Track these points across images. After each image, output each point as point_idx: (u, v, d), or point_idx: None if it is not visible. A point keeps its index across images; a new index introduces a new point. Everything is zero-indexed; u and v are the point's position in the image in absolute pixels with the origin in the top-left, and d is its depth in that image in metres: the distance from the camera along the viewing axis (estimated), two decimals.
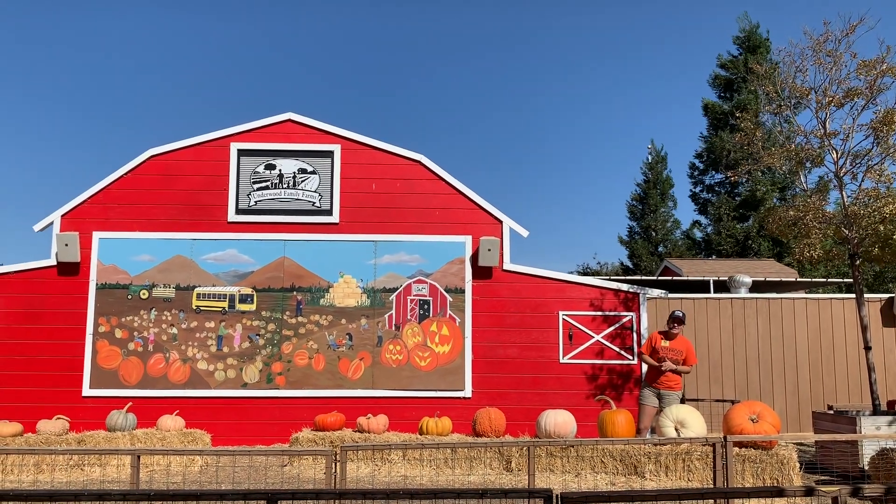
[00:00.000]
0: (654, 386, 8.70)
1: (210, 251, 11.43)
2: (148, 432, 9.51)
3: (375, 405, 10.90)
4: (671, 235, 33.84)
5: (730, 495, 5.22)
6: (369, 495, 3.64)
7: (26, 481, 8.30)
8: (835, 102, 9.61)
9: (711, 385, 12.08)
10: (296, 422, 10.62)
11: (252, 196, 11.55)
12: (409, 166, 11.73)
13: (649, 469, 7.89)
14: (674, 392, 8.65)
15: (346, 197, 11.61)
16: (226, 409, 11.08)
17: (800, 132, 10.16)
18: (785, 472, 7.41)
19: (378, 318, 11.41)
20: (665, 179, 34.52)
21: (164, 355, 11.18)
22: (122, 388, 11.00)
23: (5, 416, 10.34)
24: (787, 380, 12.15)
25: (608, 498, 3.69)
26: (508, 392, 11.21)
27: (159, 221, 11.42)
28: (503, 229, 11.61)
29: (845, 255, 10.15)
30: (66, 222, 11.28)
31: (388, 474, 8.44)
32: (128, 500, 3.63)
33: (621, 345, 11.42)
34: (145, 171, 11.50)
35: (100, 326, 11.16)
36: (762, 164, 10.49)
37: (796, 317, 12.30)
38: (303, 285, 11.42)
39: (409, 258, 11.55)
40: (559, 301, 11.50)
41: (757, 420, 7.62)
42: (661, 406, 8.59)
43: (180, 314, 11.29)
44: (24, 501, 3.59)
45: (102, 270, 11.27)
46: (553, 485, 7.80)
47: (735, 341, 12.24)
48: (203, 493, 3.65)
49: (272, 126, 11.75)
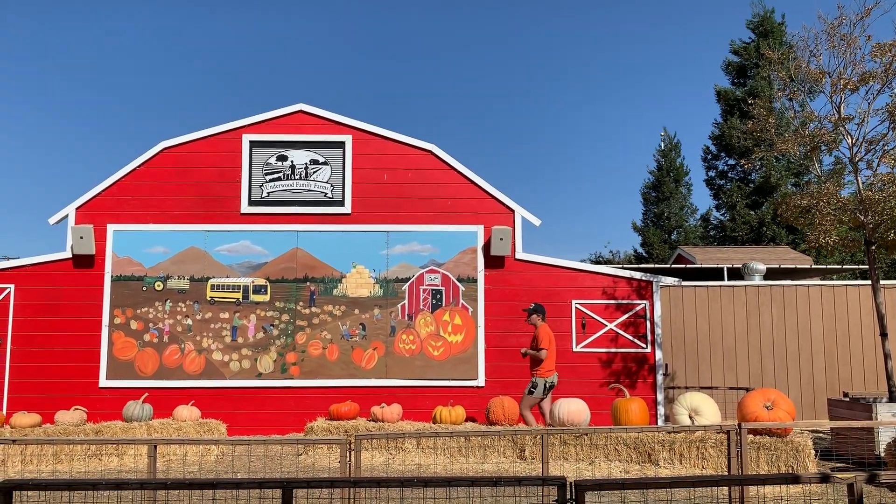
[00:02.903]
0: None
1: (223, 243, 11.48)
2: (164, 422, 9.60)
3: (389, 394, 10.95)
4: (685, 223, 33.66)
5: (745, 482, 5.21)
6: (384, 483, 3.65)
7: (45, 471, 8.41)
8: (850, 86, 9.49)
9: (725, 373, 12.04)
10: (310, 411, 10.70)
11: (264, 187, 11.58)
12: (421, 156, 11.72)
13: (663, 457, 7.88)
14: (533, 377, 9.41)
15: (358, 187, 11.62)
16: (241, 399, 11.16)
17: (813, 118, 10.05)
18: (800, 460, 7.38)
19: (391, 308, 11.44)
20: (678, 167, 34.32)
21: (180, 346, 11.26)
22: (138, 379, 11.10)
23: (24, 408, 10.49)
24: (802, 367, 12.08)
25: (622, 485, 3.69)
26: (522, 381, 11.17)
27: (173, 213, 11.48)
28: (515, 218, 11.58)
29: (861, 241, 10.05)
30: (81, 215, 11.36)
31: (402, 463, 8.48)
32: (145, 489, 3.67)
33: (635, 333, 11.39)
34: (158, 163, 11.55)
35: (115, 318, 11.25)
36: (776, 150, 10.40)
37: (811, 304, 12.22)
38: (316, 276, 11.46)
39: (421, 248, 11.55)
40: (572, 290, 11.48)
41: (772, 407, 7.60)
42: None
43: (195, 305, 11.36)
44: (44, 490, 3.64)
45: (117, 262, 11.35)
46: (567, 473, 7.81)
47: (749, 329, 12.18)
48: (219, 482, 3.67)
49: (284, 117, 11.76)
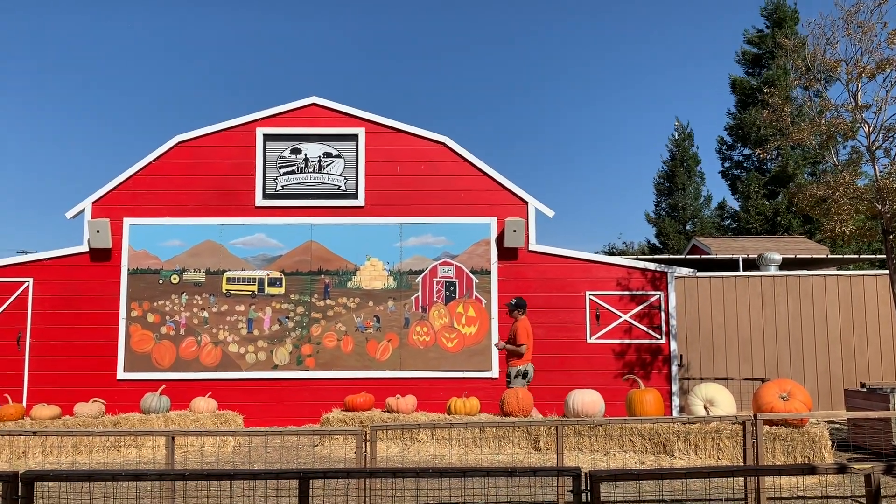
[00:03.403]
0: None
1: (238, 236, 11.55)
2: (181, 414, 9.68)
3: (403, 386, 10.98)
4: (700, 213, 33.41)
5: (760, 473, 5.20)
6: (399, 474, 3.67)
7: (65, 462, 8.52)
8: (866, 73, 9.39)
9: (741, 363, 11.99)
10: (326, 403, 10.76)
11: (279, 181, 11.63)
12: (434, 148, 11.71)
13: (678, 448, 7.87)
14: (512, 367, 9.48)
15: (371, 180, 11.64)
16: (257, 390, 11.24)
17: (830, 106, 9.95)
18: (816, 451, 7.34)
19: (405, 300, 11.47)
20: (692, 156, 34.05)
21: (196, 339, 11.35)
22: (155, 372, 11.20)
23: (44, 400, 10.61)
24: (819, 358, 12.00)
25: (637, 476, 3.68)
26: (536, 372, 11.21)
27: (188, 207, 11.55)
28: (528, 210, 11.57)
29: (878, 230, 9.96)
30: (98, 209, 11.46)
31: (417, 453, 8.51)
32: (164, 480, 3.71)
33: (649, 324, 11.36)
34: (173, 157, 11.62)
35: (132, 311, 11.35)
36: (791, 139, 10.31)
37: (827, 294, 12.13)
38: (330, 268, 11.51)
39: (434, 240, 11.57)
40: (586, 281, 11.46)
41: (788, 398, 7.56)
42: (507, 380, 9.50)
43: (211, 298, 11.44)
44: (65, 481, 3.69)
45: (133, 256, 11.45)
46: (581, 463, 7.82)
47: (765, 319, 12.12)
48: (236, 473, 3.70)
49: (297, 110, 11.78)
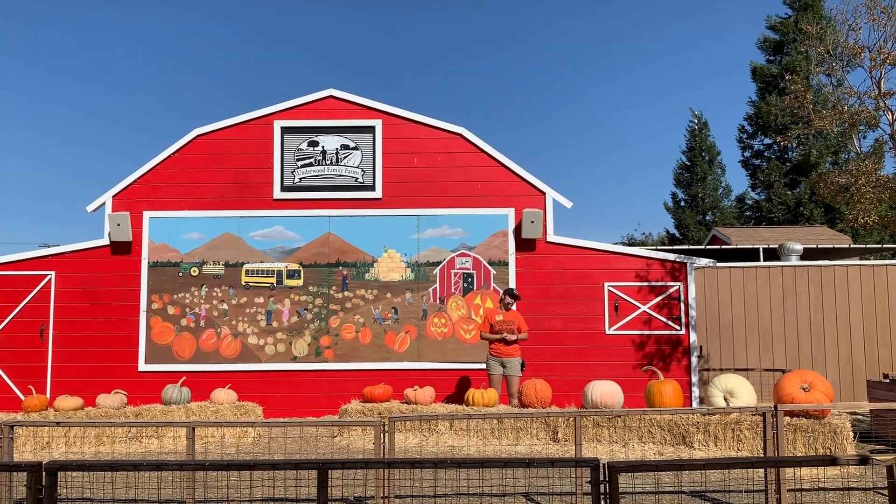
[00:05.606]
0: (496, 356, 9.64)
1: (257, 228, 11.61)
2: (202, 405, 9.77)
3: (421, 377, 11.02)
4: (720, 203, 33.12)
5: (781, 464, 5.14)
6: (418, 464, 3.68)
7: (88, 452, 8.64)
8: (890, 60, 9.24)
9: (761, 354, 11.89)
10: (344, 394, 10.83)
11: (296, 173, 11.66)
12: (451, 139, 11.69)
13: (698, 439, 7.83)
14: (513, 358, 9.62)
15: (389, 172, 11.64)
16: (276, 382, 11.32)
17: (853, 94, 9.81)
18: (838, 442, 7.28)
19: (422, 291, 11.48)
20: (710, 146, 33.74)
21: (216, 331, 11.44)
22: (175, 363, 11.31)
23: (67, 391, 10.77)
24: (841, 349, 11.87)
25: (656, 467, 3.66)
26: (554, 363, 11.21)
27: (207, 200, 11.62)
28: (546, 200, 11.52)
29: None
30: (118, 202, 11.56)
31: (435, 444, 8.54)
32: (185, 470, 3.74)
33: (668, 315, 11.29)
34: (192, 150, 11.69)
35: (153, 303, 11.46)
36: (813, 127, 10.18)
37: (850, 284, 11.98)
38: (348, 260, 11.54)
39: (451, 232, 11.56)
40: (604, 272, 11.41)
41: (809, 389, 7.49)
42: (504, 372, 9.56)
43: (230, 290, 11.52)
44: (88, 471, 3.74)
45: (153, 249, 11.55)
46: (600, 454, 7.80)
47: (786, 310, 12.00)
48: (256, 464, 3.73)
49: (314, 103, 11.81)
